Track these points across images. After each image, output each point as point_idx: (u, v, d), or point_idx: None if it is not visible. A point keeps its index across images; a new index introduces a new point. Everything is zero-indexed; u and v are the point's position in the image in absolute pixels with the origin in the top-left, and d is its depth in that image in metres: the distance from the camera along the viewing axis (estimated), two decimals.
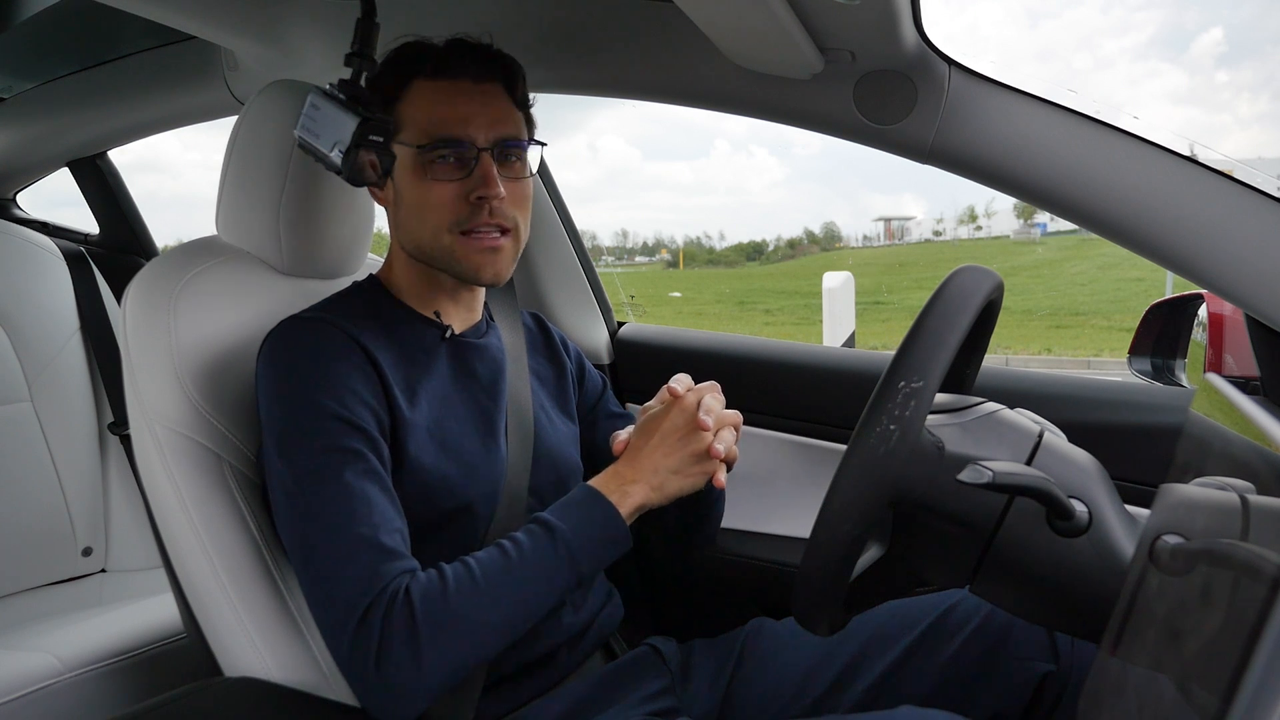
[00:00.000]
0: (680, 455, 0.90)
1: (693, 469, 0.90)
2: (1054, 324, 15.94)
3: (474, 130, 0.93)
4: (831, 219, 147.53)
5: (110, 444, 1.76)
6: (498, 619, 0.82)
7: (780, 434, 1.39)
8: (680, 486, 0.90)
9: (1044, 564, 0.71)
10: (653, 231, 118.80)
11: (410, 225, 0.97)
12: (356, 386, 0.88)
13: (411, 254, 1.00)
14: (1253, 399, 0.76)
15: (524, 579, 0.83)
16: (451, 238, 0.94)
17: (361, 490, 0.83)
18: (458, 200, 0.93)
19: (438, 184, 0.93)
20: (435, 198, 0.93)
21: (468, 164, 0.93)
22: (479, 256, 0.95)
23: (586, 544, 0.86)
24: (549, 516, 0.87)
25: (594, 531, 0.86)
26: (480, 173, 0.93)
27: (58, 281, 1.77)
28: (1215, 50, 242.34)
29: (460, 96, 0.94)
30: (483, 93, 0.95)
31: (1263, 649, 0.35)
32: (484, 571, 0.82)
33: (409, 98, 0.95)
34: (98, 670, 1.26)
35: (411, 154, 0.94)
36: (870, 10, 0.80)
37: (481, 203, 0.93)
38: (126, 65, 1.64)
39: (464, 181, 0.93)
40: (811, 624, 0.76)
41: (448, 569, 0.82)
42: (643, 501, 0.89)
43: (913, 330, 0.71)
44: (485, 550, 0.85)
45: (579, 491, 0.90)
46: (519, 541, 0.85)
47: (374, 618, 0.78)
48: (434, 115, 0.93)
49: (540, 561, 0.84)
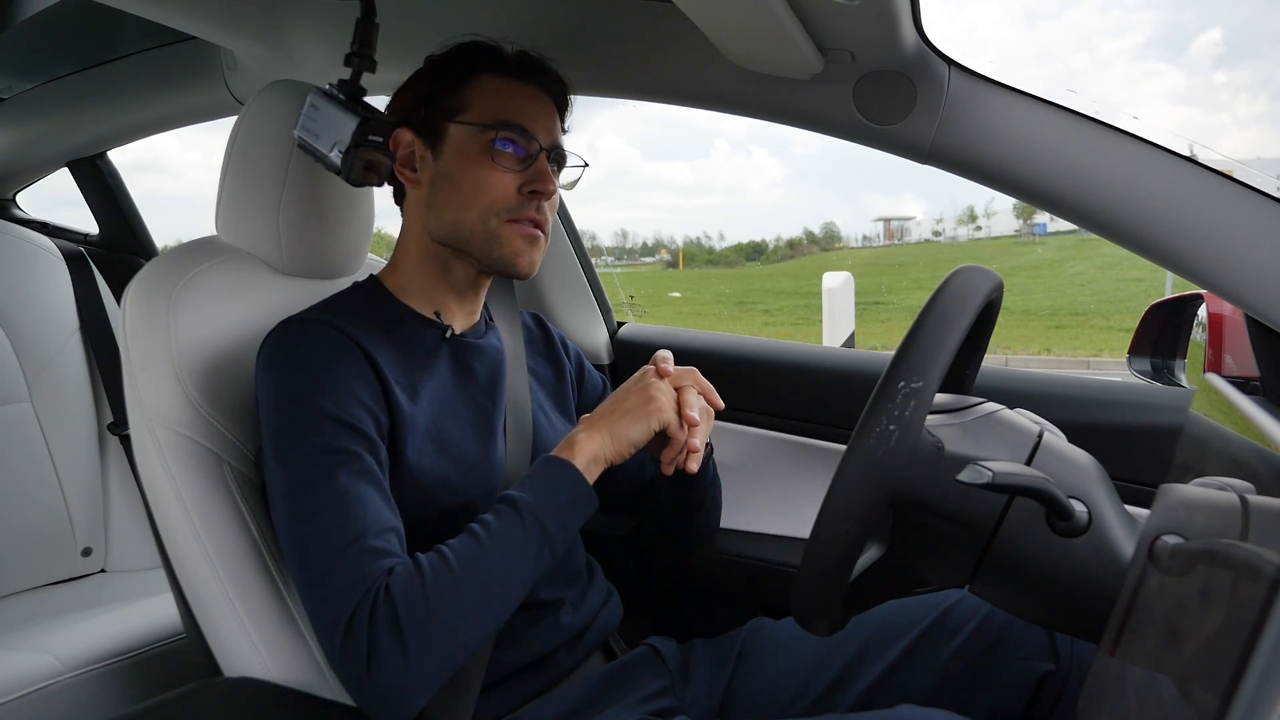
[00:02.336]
0: (626, 401, 0.92)
1: (639, 410, 0.91)
2: (1054, 324, 15.94)
3: (538, 128, 0.98)
4: (831, 219, 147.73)
5: (110, 444, 1.76)
6: (479, 601, 0.81)
7: (780, 434, 1.39)
8: (629, 431, 0.91)
9: (1043, 564, 0.71)
10: (652, 232, 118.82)
11: (452, 205, 0.97)
12: (354, 388, 0.88)
13: (439, 238, 0.99)
14: (1252, 399, 0.76)
15: (498, 556, 0.83)
16: (498, 223, 0.96)
17: (356, 491, 0.83)
18: (510, 189, 0.96)
19: (496, 169, 0.96)
20: (492, 181, 0.96)
21: (527, 158, 0.97)
22: (520, 242, 0.97)
23: (551, 508, 0.86)
24: (512, 491, 0.87)
25: (556, 494, 0.87)
26: (537, 169, 0.97)
27: (57, 281, 1.77)
28: (1214, 51, 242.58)
29: (528, 96, 0.99)
30: (544, 101, 1.01)
31: (1262, 649, 0.35)
32: (458, 556, 0.82)
33: (476, 84, 0.98)
34: (98, 670, 1.26)
35: (473, 134, 0.96)
36: (870, 10, 0.80)
37: (534, 197, 0.97)
38: (126, 65, 1.64)
39: (520, 174, 0.96)
40: (811, 624, 0.76)
41: (423, 559, 0.81)
42: (595, 451, 0.89)
43: (912, 330, 0.71)
44: (457, 537, 0.85)
45: (537, 462, 0.91)
46: (487, 522, 0.85)
47: (360, 618, 0.78)
48: (506, 102, 0.97)
49: (510, 536, 0.84)
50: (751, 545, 1.35)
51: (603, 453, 0.90)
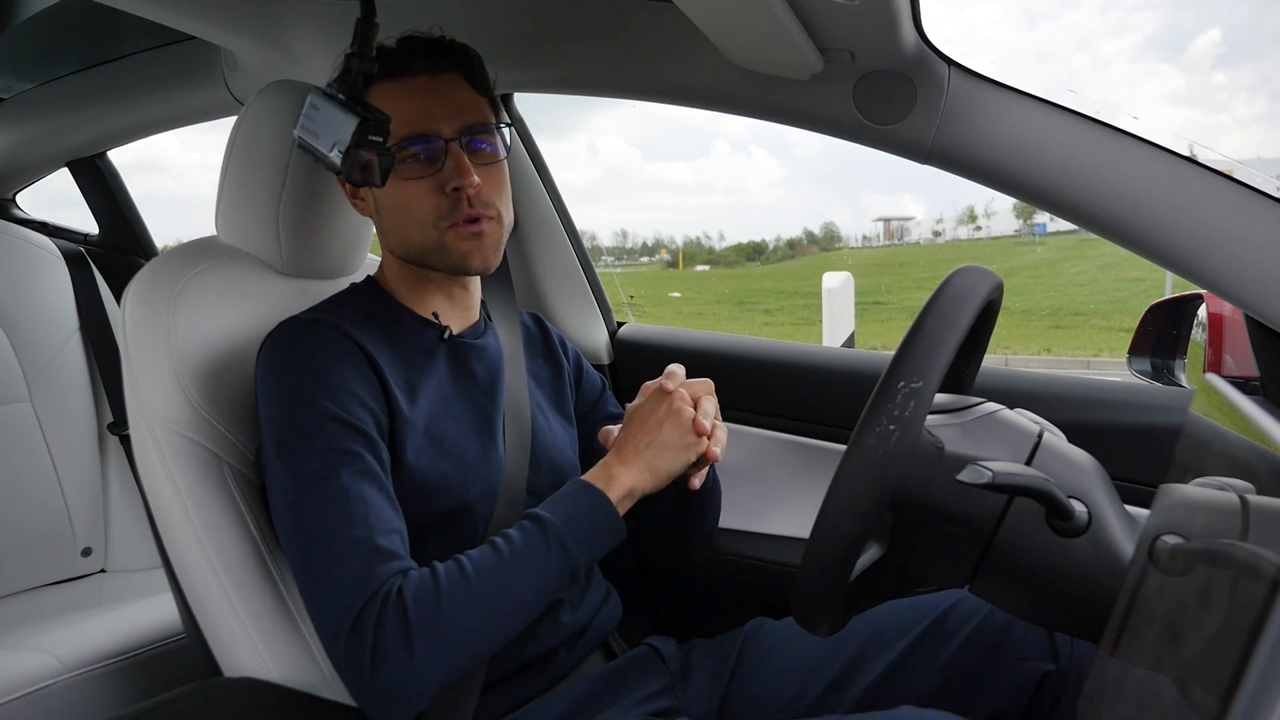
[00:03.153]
0: (663, 432, 0.91)
1: (678, 443, 0.91)
2: (1054, 324, 15.94)
3: (437, 123, 0.94)
4: (831, 219, 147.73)
5: (110, 444, 1.76)
6: (492, 616, 0.81)
7: (780, 434, 1.39)
8: (670, 464, 0.91)
9: (1043, 564, 0.71)
10: (652, 232, 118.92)
11: (395, 228, 0.98)
12: (355, 388, 0.89)
13: (402, 257, 1.00)
14: (1252, 399, 0.76)
15: (517, 574, 0.83)
16: (437, 232, 0.95)
17: (358, 492, 0.83)
18: (434, 195, 0.94)
19: (411, 182, 0.94)
20: (412, 196, 0.94)
21: (438, 158, 0.94)
22: (465, 244, 0.95)
23: (579, 534, 0.85)
24: (540, 510, 0.87)
25: (586, 521, 0.86)
26: (451, 164, 0.94)
27: (57, 282, 1.77)
28: (1213, 51, 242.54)
29: (418, 92, 0.95)
30: (441, 84, 0.96)
31: (1262, 649, 0.35)
32: (476, 569, 0.82)
33: (372, 101, 0.94)
34: (97, 670, 1.26)
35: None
36: (870, 10, 0.80)
37: (458, 193, 0.94)
38: (126, 65, 1.64)
39: (437, 176, 0.94)
40: (811, 624, 0.76)
41: (440, 568, 0.82)
42: (633, 484, 0.89)
43: (912, 330, 0.71)
44: (478, 548, 0.85)
45: (570, 484, 0.90)
46: (511, 538, 0.85)
47: (367, 619, 0.78)
48: (400, 114, 0.93)
49: (533, 556, 0.84)
50: (751, 545, 1.35)
51: (640, 487, 0.90)
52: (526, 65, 1.08)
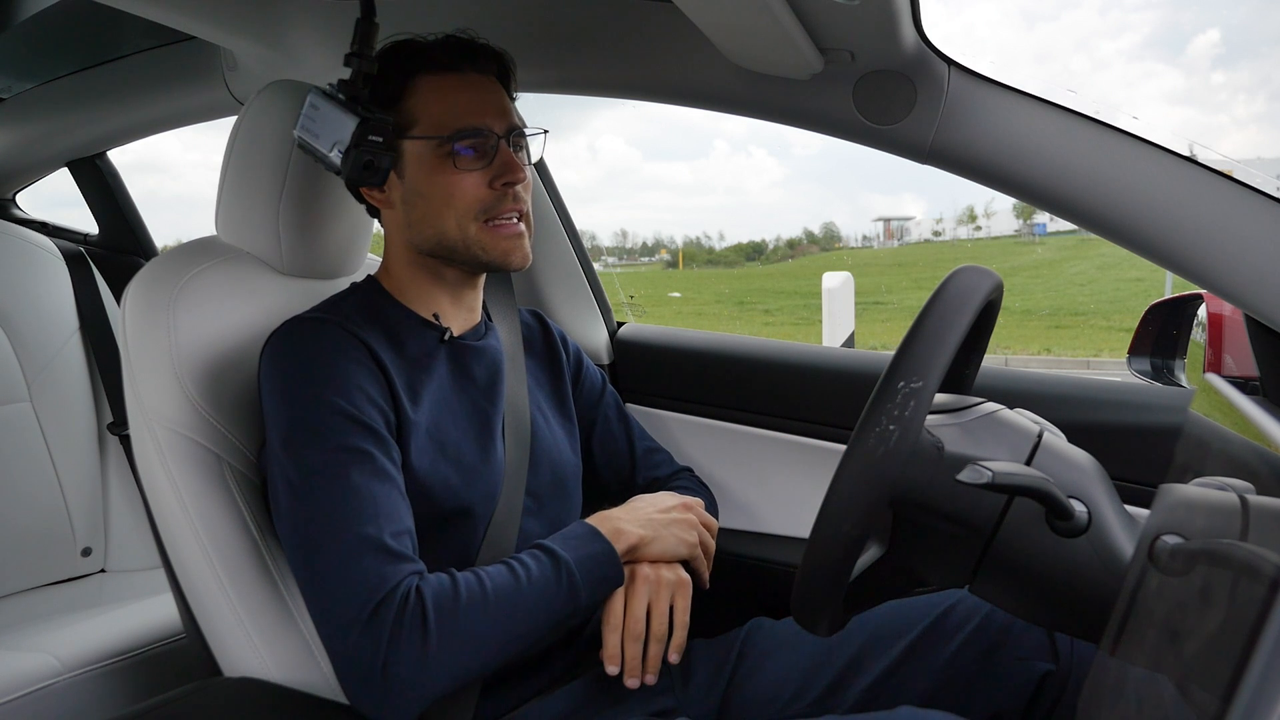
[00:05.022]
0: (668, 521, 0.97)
1: (676, 537, 0.97)
2: (1053, 324, 15.93)
3: (490, 119, 0.96)
4: (831, 219, 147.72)
5: (110, 444, 1.76)
6: (504, 634, 0.83)
7: (780, 434, 1.39)
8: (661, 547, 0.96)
9: (1043, 564, 0.71)
10: (652, 232, 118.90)
11: (429, 219, 0.97)
12: (364, 385, 0.88)
13: (426, 251, 0.99)
14: (1252, 399, 0.76)
15: (530, 600, 0.85)
16: (477, 226, 0.95)
17: (368, 490, 0.83)
18: (481, 187, 0.95)
19: (462, 174, 0.94)
20: (460, 187, 0.94)
21: (488, 153, 0.95)
22: (506, 243, 0.97)
23: (588, 577, 0.89)
24: (554, 545, 0.89)
25: (593, 564, 0.89)
26: (502, 160, 0.95)
27: (57, 282, 1.77)
28: (1212, 51, 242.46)
29: (469, 88, 0.96)
30: (486, 84, 0.98)
31: (1262, 649, 0.35)
32: (494, 587, 0.84)
33: (415, 93, 0.95)
34: (97, 670, 1.26)
35: (429, 147, 0.95)
36: (870, 10, 0.80)
37: (506, 189, 0.95)
38: (126, 65, 1.64)
39: (486, 170, 0.95)
40: (811, 624, 0.76)
41: (459, 577, 0.83)
42: (636, 544, 0.93)
43: (912, 330, 0.71)
44: (494, 566, 0.86)
45: (579, 526, 0.93)
46: (526, 564, 0.86)
47: (384, 616, 0.78)
48: (451, 107, 0.95)
49: (545, 586, 0.86)
50: (751, 545, 1.35)
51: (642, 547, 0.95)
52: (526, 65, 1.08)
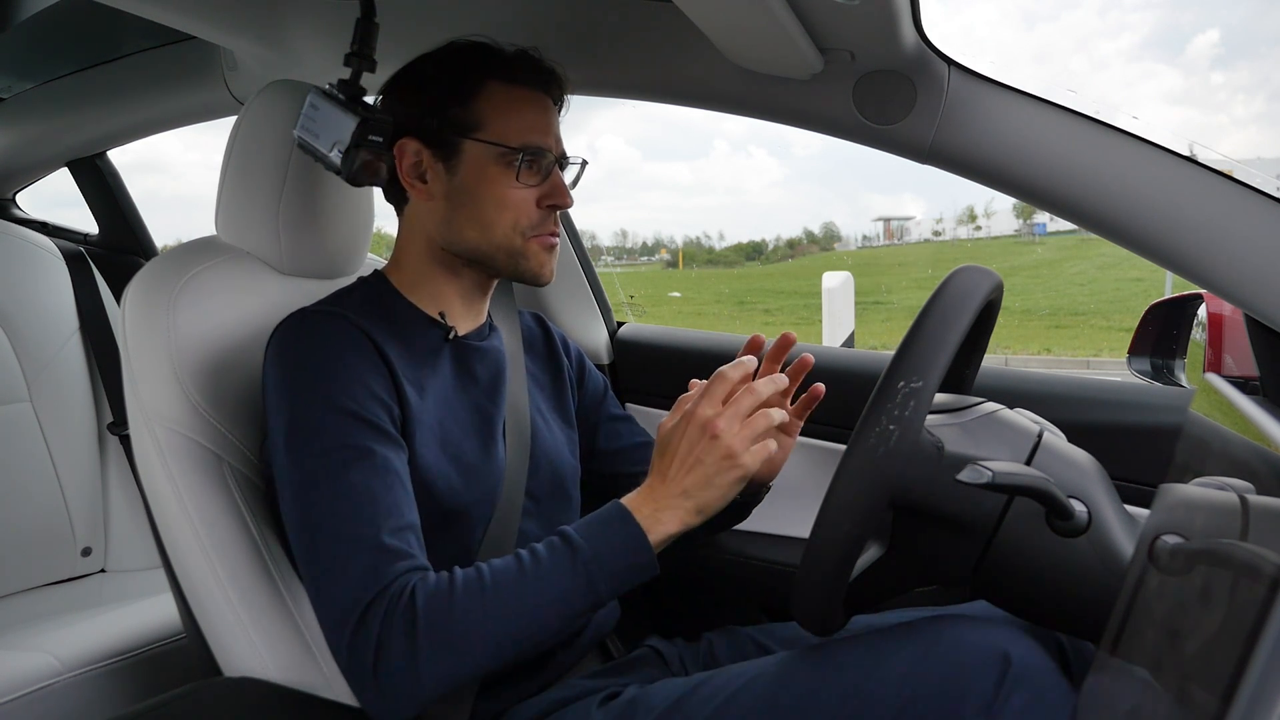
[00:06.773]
0: (703, 470, 0.82)
1: (723, 479, 0.81)
2: (1054, 324, 15.93)
3: (550, 140, 0.98)
4: (831, 219, 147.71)
5: (110, 444, 1.76)
6: (503, 632, 0.79)
7: None
8: (718, 500, 0.82)
9: (1043, 564, 0.71)
10: (652, 231, 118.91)
11: (474, 221, 0.97)
12: (369, 380, 0.88)
13: (457, 249, 0.99)
14: (1252, 399, 0.76)
15: (537, 592, 0.79)
16: (522, 240, 0.97)
17: (366, 487, 0.83)
18: (530, 204, 0.97)
19: (519, 188, 0.96)
20: (514, 199, 0.96)
21: (544, 172, 0.97)
22: (544, 255, 0.99)
23: (608, 567, 0.81)
24: (573, 532, 0.82)
25: (618, 554, 0.81)
26: (554, 183, 0.98)
27: (57, 281, 1.77)
28: (1211, 52, 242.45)
29: (537, 105, 0.98)
30: (550, 106, 1.00)
31: (1262, 649, 0.35)
32: (495, 579, 0.80)
33: (486, 96, 0.96)
34: (97, 670, 1.26)
35: (494, 153, 0.95)
36: (870, 10, 0.80)
37: (551, 210, 0.98)
38: (126, 65, 1.64)
39: (537, 189, 0.97)
40: (811, 624, 0.76)
41: (459, 573, 0.80)
42: (679, 528, 0.82)
43: (912, 330, 0.71)
44: (501, 558, 0.82)
45: (611, 508, 0.84)
46: (537, 553, 0.81)
47: (374, 616, 0.77)
48: (523, 120, 0.96)
49: (557, 577, 0.80)
50: (751, 545, 1.35)
51: (688, 526, 0.83)
52: None
